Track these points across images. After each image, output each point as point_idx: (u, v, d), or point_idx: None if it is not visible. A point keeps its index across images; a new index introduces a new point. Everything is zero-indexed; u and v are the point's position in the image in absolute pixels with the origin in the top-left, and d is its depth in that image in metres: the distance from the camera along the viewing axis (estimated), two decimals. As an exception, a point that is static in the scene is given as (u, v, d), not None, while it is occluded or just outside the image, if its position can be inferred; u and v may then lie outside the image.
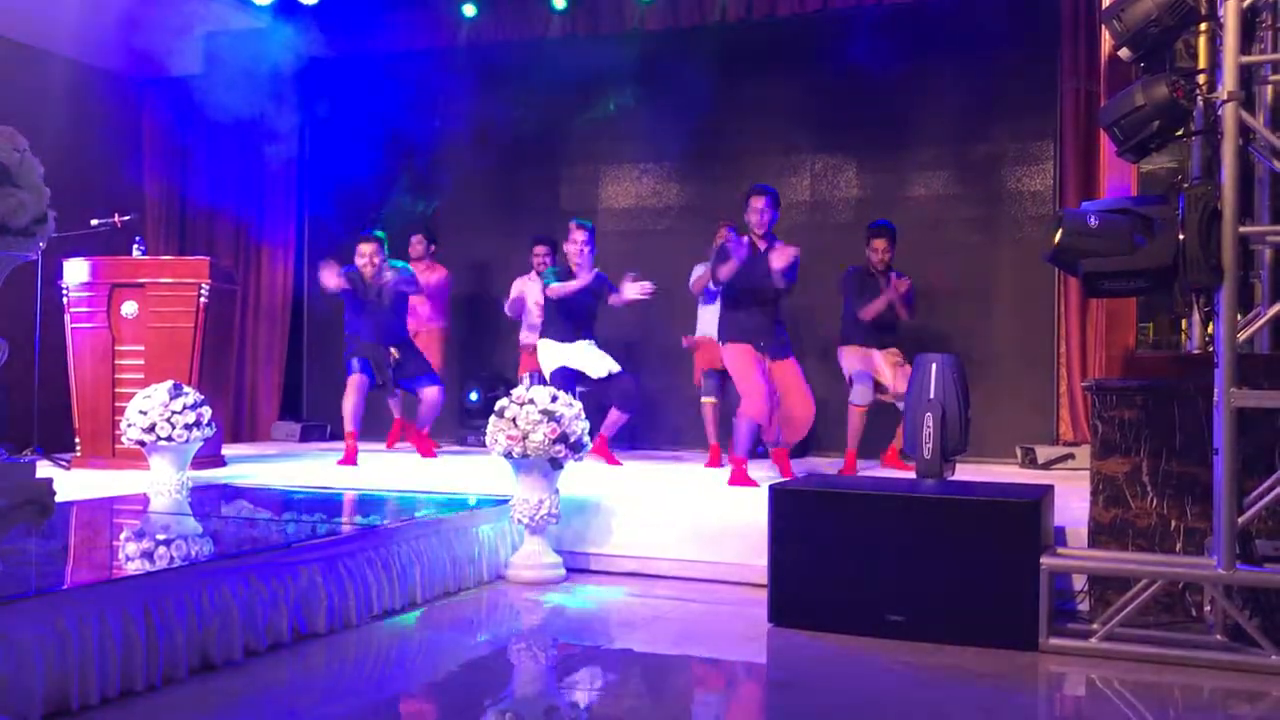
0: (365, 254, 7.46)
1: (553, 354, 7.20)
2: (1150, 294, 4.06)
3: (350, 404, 7.33)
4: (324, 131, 9.02)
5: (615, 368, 7.16)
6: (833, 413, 7.50)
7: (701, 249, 7.95)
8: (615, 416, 7.19)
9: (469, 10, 8.53)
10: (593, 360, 7.15)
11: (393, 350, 7.53)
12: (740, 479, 6.16)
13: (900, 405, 7.09)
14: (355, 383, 7.34)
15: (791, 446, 6.83)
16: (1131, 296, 4.14)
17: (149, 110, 9.36)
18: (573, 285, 7.04)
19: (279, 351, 9.59)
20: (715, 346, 6.89)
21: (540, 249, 8.13)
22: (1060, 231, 4.03)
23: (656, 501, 5.59)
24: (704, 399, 7.52)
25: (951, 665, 3.89)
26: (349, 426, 7.31)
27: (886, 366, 7.15)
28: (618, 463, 7.19)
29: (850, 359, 7.24)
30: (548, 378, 7.06)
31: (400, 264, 7.73)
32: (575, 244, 7.10)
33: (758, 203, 6.45)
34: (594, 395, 7.17)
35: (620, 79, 8.59)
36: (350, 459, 7.15)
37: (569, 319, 7.18)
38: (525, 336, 8.08)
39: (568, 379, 6.99)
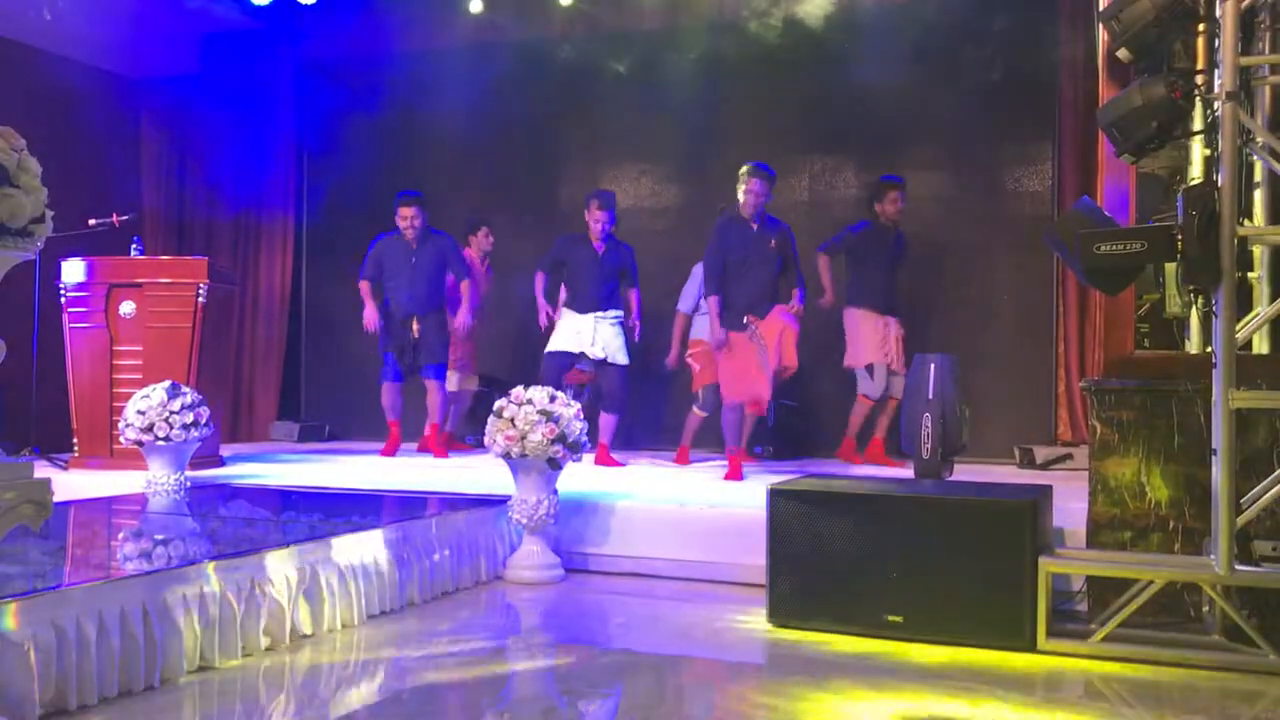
0: (406, 216, 7.60)
1: (560, 330, 7.25)
2: (1148, 260, 4.00)
3: (385, 402, 7.75)
4: (322, 131, 9.01)
5: (616, 358, 7.15)
6: (829, 407, 7.53)
7: (699, 249, 7.94)
8: (605, 420, 7.27)
9: (474, 7, 8.49)
10: (599, 338, 7.14)
11: (415, 324, 7.55)
12: (734, 473, 6.35)
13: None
14: (386, 389, 7.71)
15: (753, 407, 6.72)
16: (1129, 265, 4.06)
17: (147, 110, 9.35)
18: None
19: (277, 351, 9.60)
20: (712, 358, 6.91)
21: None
22: (1069, 209, 4.05)
23: (655, 501, 5.58)
24: (698, 410, 7.38)
25: (950, 665, 3.89)
26: (388, 417, 7.73)
27: (894, 341, 7.13)
28: (621, 464, 7.17)
29: (864, 329, 7.14)
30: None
31: (445, 235, 7.84)
32: (597, 224, 7.22)
33: (753, 184, 6.55)
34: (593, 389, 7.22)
35: (620, 79, 8.59)
36: (393, 445, 7.68)
37: (584, 291, 7.23)
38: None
39: (560, 364, 7.06)
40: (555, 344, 7.18)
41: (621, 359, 7.18)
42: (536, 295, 7.39)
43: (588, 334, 7.14)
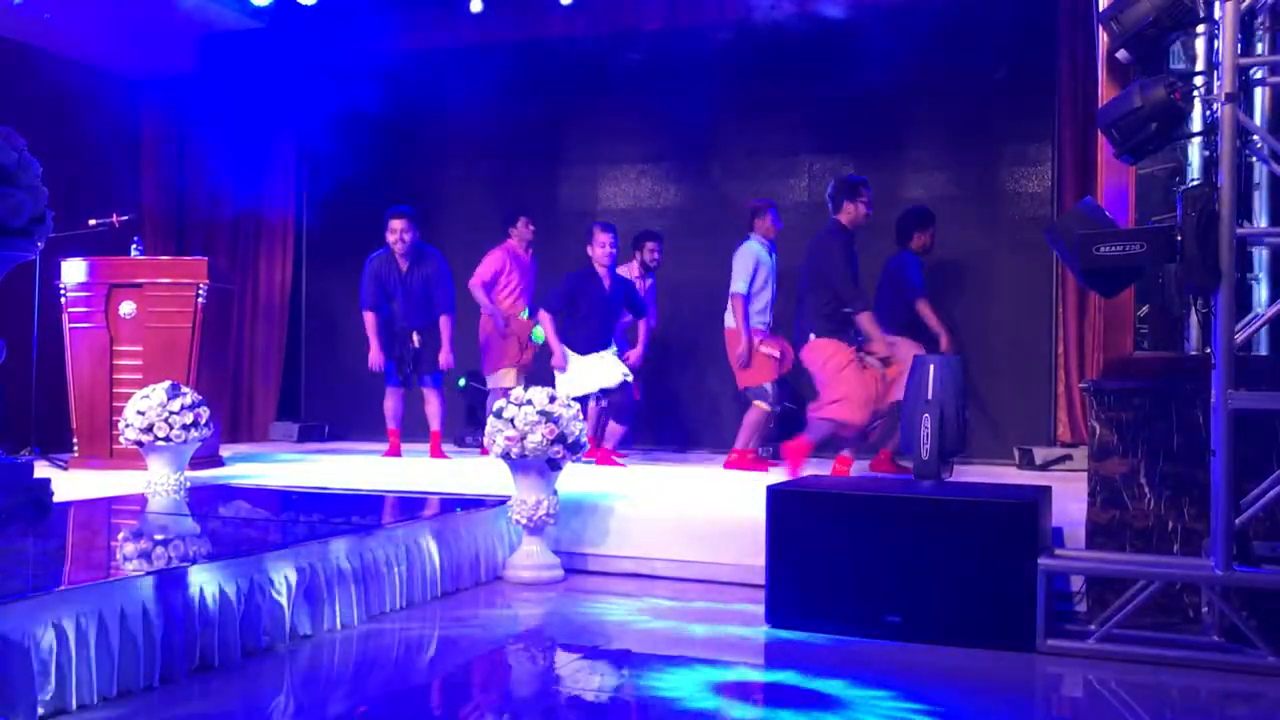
0: (396, 230, 7.53)
1: (570, 376, 7.11)
2: (1147, 262, 4.00)
3: (388, 408, 7.81)
4: (322, 131, 9.02)
5: (625, 377, 7.13)
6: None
7: (698, 249, 7.96)
8: (613, 429, 7.26)
9: (475, 6, 8.45)
10: (605, 373, 7.11)
11: (415, 336, 7.58)
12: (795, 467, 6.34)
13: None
14: (389, 395, 7.78)
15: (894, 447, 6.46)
16: (1128, 266, 4.05)
17: (147, 111, 9.36)
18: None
19: (277, 352, 9.60)
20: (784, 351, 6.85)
21: (651, 244, 7.97)
22: (1070, 210, 4.04)
23: (655, 502, 5.59)
24: (761, 404, 7.05)
25: (949, 666, 3.89)
26: (389, 425, 7.80)
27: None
28: (621, 464, 7.15)
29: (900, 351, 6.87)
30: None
31: (436, 253, 7.78)
32: (604, 248, 7.12)
33: (869, 195, 6.55)
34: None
35: (620, 79, 8.60)
36: (394, 452, 7.72)
37: (589, 330, 7.17)
38: None
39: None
40: (568, 390, 6.78)
41: (628, 377, 7.16)
42: (550, 338, 7.24)
43: (597, 372, 7.09)
